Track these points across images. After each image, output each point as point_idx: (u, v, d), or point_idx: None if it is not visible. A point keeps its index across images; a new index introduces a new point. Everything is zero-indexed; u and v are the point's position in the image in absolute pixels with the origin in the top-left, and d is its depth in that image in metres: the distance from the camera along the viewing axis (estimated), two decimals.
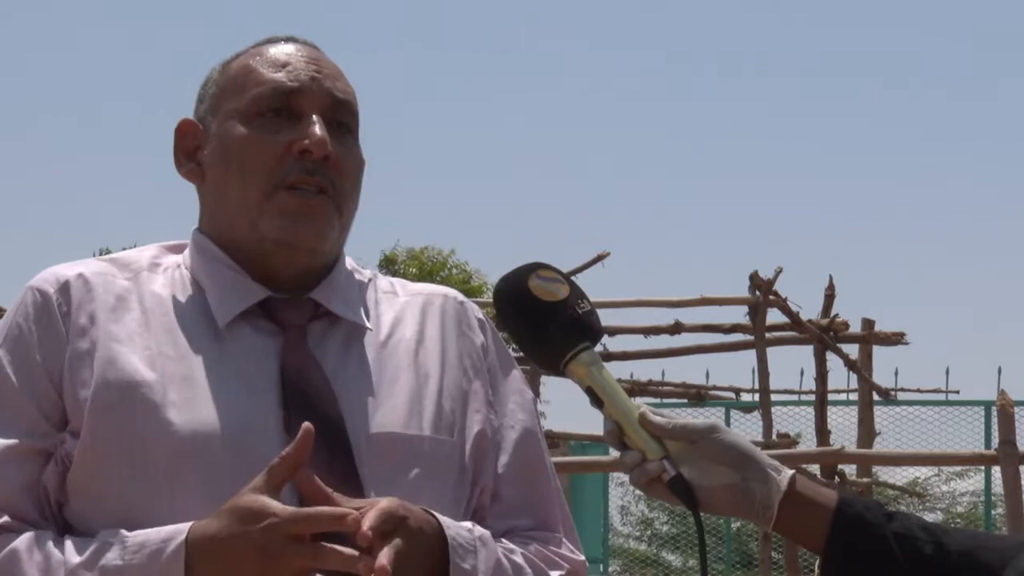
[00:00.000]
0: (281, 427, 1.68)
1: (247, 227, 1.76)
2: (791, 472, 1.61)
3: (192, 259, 1.81)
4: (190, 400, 1.68)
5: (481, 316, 1.90)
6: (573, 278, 1.71)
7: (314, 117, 1.77)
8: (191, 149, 1.82)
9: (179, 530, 1.59)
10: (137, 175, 33.37)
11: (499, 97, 33.73)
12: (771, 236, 28.69)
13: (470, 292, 19.82)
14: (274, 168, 1.75)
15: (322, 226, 1.76)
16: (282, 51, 1.82)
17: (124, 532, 1.61)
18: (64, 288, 1.74)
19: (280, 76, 1.79)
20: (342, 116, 1.81)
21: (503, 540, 1.77)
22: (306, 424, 1.57)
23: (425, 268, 22.48)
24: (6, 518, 1.65)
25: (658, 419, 1.63)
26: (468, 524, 1.71)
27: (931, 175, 29.97)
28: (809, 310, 8.92)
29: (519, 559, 1.75)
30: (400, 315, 1.84)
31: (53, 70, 34.23)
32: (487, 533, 1.72)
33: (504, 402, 1.85)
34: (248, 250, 1.77)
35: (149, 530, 1.60)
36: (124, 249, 1.95)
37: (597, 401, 1.66)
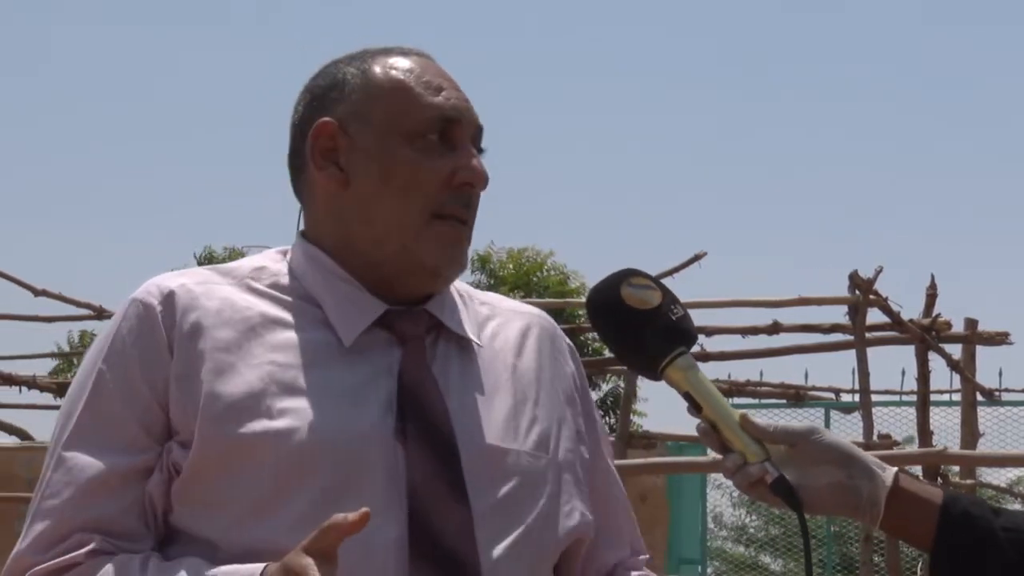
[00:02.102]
0: (392, 435, 1.69)
1: (395, 248, 1.76)
2: (895, 469, 1.62)
3: (301, 268, 1.80)
4: (303, 409, 1.68)
5: (570, 343, 1.93)
6: (673, 277, 1.73)
7: (472, 149, 1.79)
8: (327, 150, 1.79)
9: (255, 568, 1.59)
10: (237, 177, 33.79)
11: (594, 97, 33.68)
12: (871, 235, 28.35)
13: (567, 294, 19.74)
14: (435, 196, 1.76)
15: (464, 256, 1.80)
16: (428, 70, 1.81)
17: (207, 572, 1.62)
18: (168, 299, 1.73)
19: (439, 101, 1.78)
20: (479, 143, 1.83)
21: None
22: (364, 510, 1.52)
23: (522, 269, 22.41)
24: (95, 544, 1.66)
25: (760, 421, 1.64)
26: None
27: None
28: (910, 310, 8.79)
29: None
30: (498, 331, 1.86)
31: (150, 77, 34.79)
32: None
33: (592, 433, 1.89)
34: (382, 267, 1.77)
35: (228, 567, 1.62)
36: (226, 251, 1.97)
37: (695, 406, 1.67)
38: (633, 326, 1.67)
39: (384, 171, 1.76)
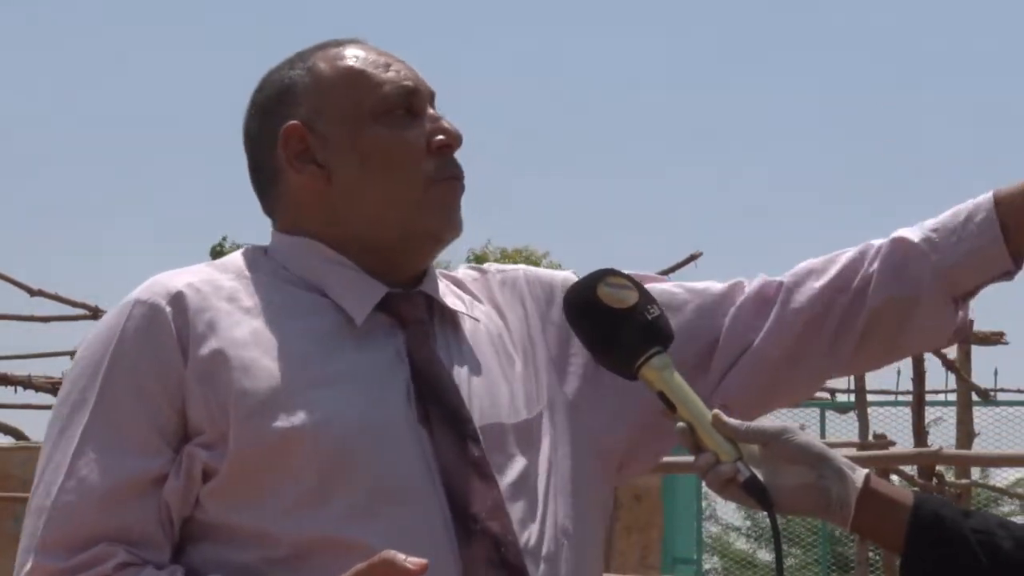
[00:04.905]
0: (416, 420, 1.70)
1: (396, 223, 1.76)
2: (865, 471, 1.62)
3: (294, 258, 1.79)
4: (334, 399, 1.67)
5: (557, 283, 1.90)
6: (668, 277, 1.73)
7: (433, 112, 1.80)
8: (300, 152, 1.78)
9: None
10: (238, 177, 33.73)
11: (591, 95, 33.71)
12: (868, 235, 28.29)
13: None
14: (421, 165, 1.77)
15: (460, 219, 1.81)
16: (371, 52, 1.83)
17: None
18: (176, 299, 1.70)
19: (393, 76, 1.80)
20: (436, 108, 1.84)
21: None
22: (424, 561, 1.50)
23: None
24: (122, 557, 1.63)
25: (732, 421, 1.64)
26: None
27: None
28: None
29: None
30: (478, 300, 1.86)
31: (147, 76, 34.83)
32: None
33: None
34: (382, 245, 1.77)
35: None
36: (234, 246, 1.96)
37: (669, 405, 1.67)
38: (609, 325, 1.69)
39: (362, 156, 1.77)
